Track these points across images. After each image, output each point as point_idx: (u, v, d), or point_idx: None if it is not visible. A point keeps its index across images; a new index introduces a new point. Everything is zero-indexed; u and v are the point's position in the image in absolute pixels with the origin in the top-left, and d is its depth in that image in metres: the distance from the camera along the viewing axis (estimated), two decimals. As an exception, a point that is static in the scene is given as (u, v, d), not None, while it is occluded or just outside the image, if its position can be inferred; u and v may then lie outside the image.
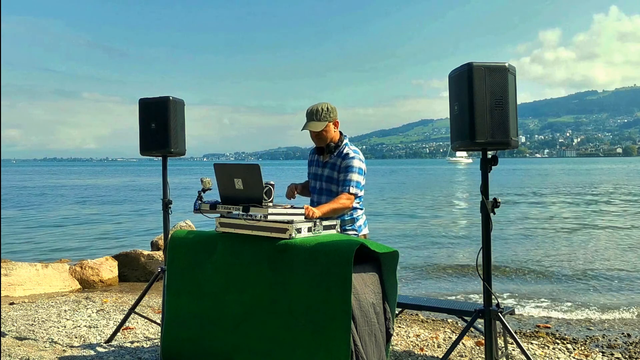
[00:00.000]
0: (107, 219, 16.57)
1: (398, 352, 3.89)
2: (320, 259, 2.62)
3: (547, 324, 5.11)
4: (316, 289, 2.62)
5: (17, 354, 3.62)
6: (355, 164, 3.31)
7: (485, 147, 2.77)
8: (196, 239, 3.17)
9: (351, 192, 3.25)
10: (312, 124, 3.31)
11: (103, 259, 7.27)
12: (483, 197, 2.83)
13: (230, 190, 2.93)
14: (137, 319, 4.63)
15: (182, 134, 3.93)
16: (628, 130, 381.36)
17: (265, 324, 2.81)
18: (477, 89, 2.67)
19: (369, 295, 2.74)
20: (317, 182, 3.46)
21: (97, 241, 11.89)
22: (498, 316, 2.87)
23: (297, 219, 2.87)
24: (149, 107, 3.88)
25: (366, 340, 2.67)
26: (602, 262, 8.53)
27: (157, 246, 7.84)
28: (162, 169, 4.01)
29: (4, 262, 6.44)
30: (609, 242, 10.64)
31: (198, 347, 3.07)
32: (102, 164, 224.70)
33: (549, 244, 10.49)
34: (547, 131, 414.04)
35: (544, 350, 4.03)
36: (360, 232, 3.43)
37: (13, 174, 67.11)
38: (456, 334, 4.40)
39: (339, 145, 3.39)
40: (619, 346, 4.28)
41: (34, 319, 4.81)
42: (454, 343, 2.98)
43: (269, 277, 2.81)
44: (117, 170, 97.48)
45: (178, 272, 3.21)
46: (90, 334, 4.30)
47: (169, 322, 3.23)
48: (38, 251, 10.50)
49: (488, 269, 2.89)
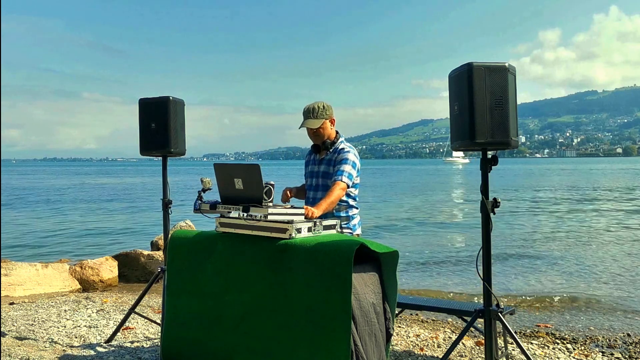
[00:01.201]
0: (107, 219, 16.57)
1: (398, 352, 3.89)
2: (320, 259, 2.62)
3: (547, 323, 5.11)
4: (316, 289, 2.62)
5: (17, 354, 3.62)
6: (349, 157, 3.40)
7: (485, 147, 2.77)
8: (196, 239, 3.17)
9: (343, 180, 3.31)
10: (309, 121, 3.40)
11: (103, 259, 7.27)
12: (483, 197, 2.83)
13: (230, 190, 2.93)
14: (137, 319, 4.63)
15: (182, 134, 3.94)
16: (628, 130, 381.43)
17: (265, 324, 2.81)
18: (477, 89, 2.67)
19: (369, 295, 2.74)
20: (314, 179, 3.53)
21: (97, 241, 11.89)
22: (498, 316, 2.87)
23: (297, 219, 2.87)
24: (149, 107, 3.88)
25: (366, 340, 2.67)
26: (601, 261, 8.53)
27: (157, 246, 7.84)
28: (162, 169, 4.01)
29: (4, 262, 6.44)
30: (615, 243, 10.63)
31: (198, 347, 3.07)
32: (102, 164, 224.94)
33: (548, 244, 10.50)
34: (547, 131, 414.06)
35: (544, 350, 4.03)
36: (354, 231, 3.48)
37: (13, 174, 67.10)
38: (456, 334, 4.40)
39: (335, 143, 3.49)
40: (619, 346, 4.28)
41: (34, 319, 4.82)
42: (454, 343, 2.98)
43: (269, 277, 2.81)
44: (117, 170, 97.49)
45: (178, 272, 3.21)
46: (90, 334, 4.30)
47: (169, 322, 3.23)
48: (38, 251, 10.50)
49: (488, 269, 2.89)
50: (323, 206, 3.16)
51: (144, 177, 56.71)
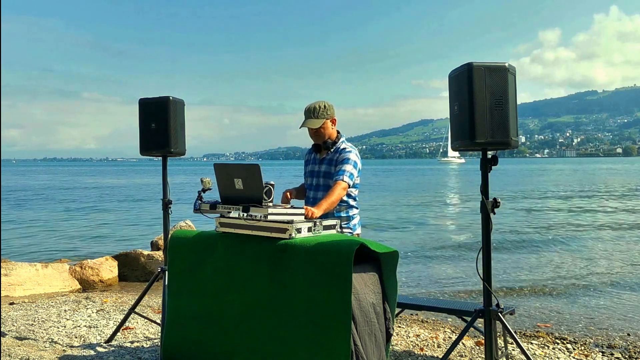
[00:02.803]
0: (107, 219, 16.57)
1: (398, 352, 3.89)
2: (320, 259, 2.62)
3: (547, 323, 5.11)
4: (316, 288, 2.62)
5: (17, 354, 3.62)
6: (351, 157, 3.39)
7: (485, 147, 2.77)
8: (196, 239, 3.17)
9: (344, 180, 3.30)
10: (310, 121, 3.39)
11: (103, 259, 7.27)
12: (483, 197, 2.83)
13: (230, 190, 2.93)
14: (137, 319, 4.63)
15: (182, 134, 3.94)
16: (628, 130, 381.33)
17: (265, 324, 2.81)
18: (477, 89, 2.67)
19: (369, 295, 2.74)
20: (314, 179, 3.52)
21: (97, 241, 11.89)
22: (498, 316, 2.87)
23: (297, 219, 2.87)
24: (149, 107, 3.88)
25: (366, 340, 2.67)
26: (602, 261, 8.53)
27: (157, 246, 7.84)
28: (162, 169, 4.01)
29: (4, 262, 6.44)
30: (614, 242, 10.63)
31: (198, 347, 3.07)
32: (102, 164, 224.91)
33: (549, 243, 10.50)
34: (547, 131, 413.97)
35: (544, 350, 4.03)
36: (354, 231, 3.48)
37: (13, 174, 67.09)
38: (456, 334, 4.40)
39: (336, 142, 3.48)
40: (619, 346, 4.28)
41: (34, 319, 4.81)
42: (454, 343, 2.98)
43: (269, 277, 2.81)
44: (117, 170, 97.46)
45: (178, 272, 3.21)
46: (90, 334, 4.30)
47: (169, 322, 3.23)
48: (38, 251, 10.50)
49: (488, 269, 2.89)
50: (324, 206, 3.15)
51: (144, 177, 56.68)
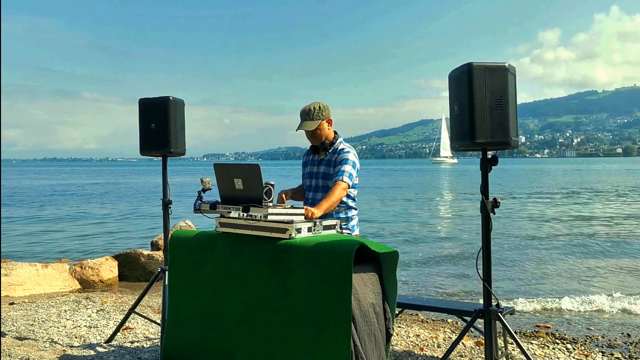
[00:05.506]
0: (107, 219, 16.57)
1: (398, 352, 3.89)
2: (321, 259, 2.62)
3: (547, 323, 5.11)
4: (316, 289, 2.62)
5: (17, 354, 3.62)
6: (350, 157, 3.40)
7: (485, 147, 2.77)
8: (196, 239, 3.17)
9: (344, 180, 3.31)
10: (306, 123, 3.40)
11: (103, 259, 7.27)
12: (483, 197, 2.83)
13: (230, 190, 2.93)
14: (137, 319, 4.63)
15: (182, 134, 3.94)
16: (628, 130, 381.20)
17: (265, 324, 2.81)
18: (477, 89, 2.67)
19: (369, 295, 2.74)
20: (313, 180, 3.52)
21: (97, 241, 11.89)
22: (498, 316, 2.87)
23: (297, 219, 2.87)
24: (149, 107, 3.88)
25: (366, 341, 2.67)
26: (602, 261, 8.53)
27: (157, 246, 7.84)
28: (162, 169, 4.01)
29: (4, 262, 6.44)
30: (614, 242, 10.63)
31: (198, 347, 3.07)
32: (102, 164, 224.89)
33: (549, 243, 10.50)
34: (547, 131, 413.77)
35: (544, 350, 4.03)
36: (353, 232, 3.48)
37: (13, 174, 67.08)
38: (456, 334, 4.40)
39: (334, 143, 3.48)
40: (619, 346, 4.28)
41: (34, 319, 4.81)
42: (454, 343, 2.98)
43: (269, 277, 2.81)
44: (117, 170, 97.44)
45: (178, 272, 3.21)
46: (90, 334, 4.30)
47: (169, 322, 3.23)
48: (38, 251, 10.50)
49: (488, 269, 2.89)
50: (324, 206, 3.14)
51: (144, 177, 56.67)
